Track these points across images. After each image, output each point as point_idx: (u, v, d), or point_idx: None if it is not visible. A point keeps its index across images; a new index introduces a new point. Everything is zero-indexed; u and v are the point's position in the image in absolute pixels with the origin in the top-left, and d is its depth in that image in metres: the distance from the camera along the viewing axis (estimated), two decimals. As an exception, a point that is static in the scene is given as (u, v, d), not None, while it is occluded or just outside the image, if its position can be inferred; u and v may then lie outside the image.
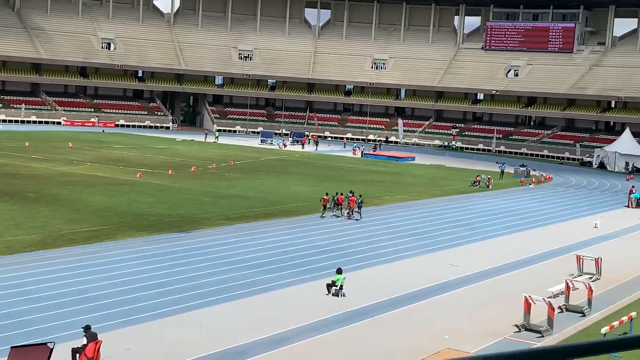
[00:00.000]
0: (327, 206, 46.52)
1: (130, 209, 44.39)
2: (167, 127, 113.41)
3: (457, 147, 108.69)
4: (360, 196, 47.38)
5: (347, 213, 46.51)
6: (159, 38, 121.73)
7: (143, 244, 35.29)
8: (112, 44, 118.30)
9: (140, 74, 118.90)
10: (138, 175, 58.61)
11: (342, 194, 47.11)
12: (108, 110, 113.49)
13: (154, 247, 34.87)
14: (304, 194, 55.43)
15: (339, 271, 29.44)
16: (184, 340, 22.86)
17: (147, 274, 29.79)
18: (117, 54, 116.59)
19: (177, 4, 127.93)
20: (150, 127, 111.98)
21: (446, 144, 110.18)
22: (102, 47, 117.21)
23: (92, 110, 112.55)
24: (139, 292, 27.22)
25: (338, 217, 46.31)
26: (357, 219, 46.02)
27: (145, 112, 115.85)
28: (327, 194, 47.18)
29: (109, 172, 59.92)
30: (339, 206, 46.79)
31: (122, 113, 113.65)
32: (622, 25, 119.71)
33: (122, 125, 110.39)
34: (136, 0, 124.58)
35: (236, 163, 72.85)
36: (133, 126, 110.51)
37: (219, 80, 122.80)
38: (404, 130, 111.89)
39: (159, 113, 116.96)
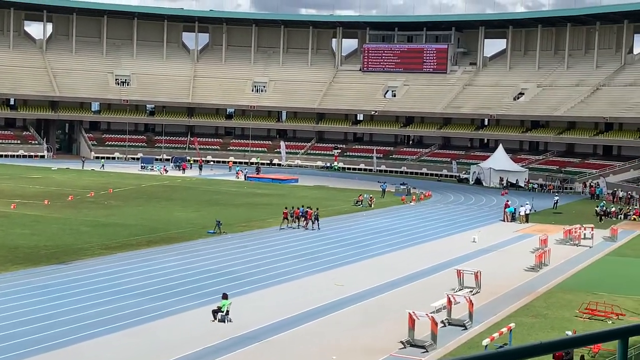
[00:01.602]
0: (286, 219, 51.81)
1: (5, 241, 42.66)
2: (42, 156, 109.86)
3: (339, 167, 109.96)
4: (317, 209, 53.72)
5: (305, 224, 52.20)
6: (32, 64, 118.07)
7: (19, 278, 33.92)
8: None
9: (12, 102, 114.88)
10: (12, 207, 56.44)
11: (298, 208, 53.09)
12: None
13: (30, 280, 33.57)
14: (187, 219, 54.76)
15: (225, 296, 29.15)
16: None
17: (24, 309, 28.60)
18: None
19: (49, 30, 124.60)
20: (25, 156, 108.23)
21: (328, 164, 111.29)
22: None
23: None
24: (15, 328, 26.09)
25: (295, 228, 51.57)
26: (313, 229, 51.54)
27: (19, 141, 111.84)
28: (286, 208, 53.08)
29: (-19, 204, 57.45)
30: (297, 218, 52.48)
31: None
32: (492, 46, 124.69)
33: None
34: (6, 26, 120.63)
35: (116, 190, 71.27)
36: (6, 156, 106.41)
37: (95, 106, 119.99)
38: (287, 152, 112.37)
39: (33, 142, 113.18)
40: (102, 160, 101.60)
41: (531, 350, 3.75)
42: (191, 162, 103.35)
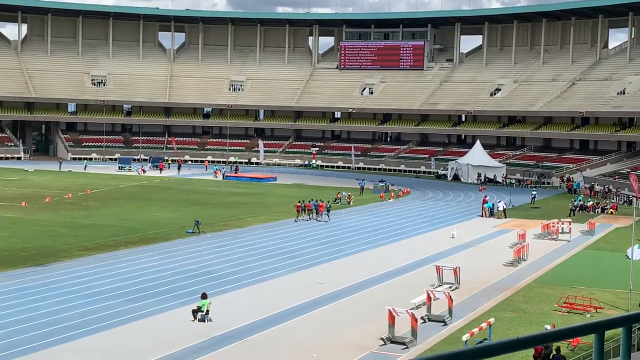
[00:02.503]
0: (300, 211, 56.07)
1: (-18, 244, 42.28)
2: (19, 158, 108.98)
3: (318, 165, 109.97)
4: (329, 202, 60.07)
5: (316, 216, 56.29)
6: (6, 66, 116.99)
7: (-4, 281, 33.63)
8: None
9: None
10: (-11, 209, 55.97)
11: (310, 202, 57.49)
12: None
13: (8, 283, 33.29)
14: (166, 219, 54.55)
15: (204, 296, 29.08)
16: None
17: (2, 312, 28.36)
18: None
19: (24, 31, 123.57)
20: (1, 158, 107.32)
21: (307, 162, 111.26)
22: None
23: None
24: (-7, 332, 25.88)
25: (307, 220, 55.70)
26: (325, 221, 55.49)
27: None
28: (299, 202, 57.52)
29: (-43, 207, 56.90)
30: (309, 211, 56.70)
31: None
32: (468, 42, 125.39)
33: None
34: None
35: (94, 191, 70.86)
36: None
37: (71, 107, 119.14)
38: (265, 151, 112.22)
39: (9, 143, 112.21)
40: (85, 161, 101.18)
41: (509, 346, 3.77)
42: (169, 162, 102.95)
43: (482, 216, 62.14)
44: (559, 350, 23.30)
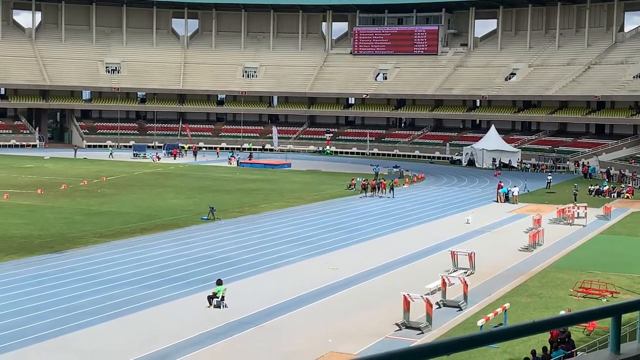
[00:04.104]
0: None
1: (-2, 232, 42.56)
2: (35, 145, 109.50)
3: (332, 151, 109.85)
4: (392, 181, 65.79)
5: (379, 193, 62.77)
6: (21, 54, 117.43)
7: (13, 268, 33.86)
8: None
9: (2, 92, 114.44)
10: (5, 197, 56.28)
11: (374, 180, 65.53)
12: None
13: (24, 270, 33.50)
14: (181, 206, 54.70)
15: (219, 282, 29.15)
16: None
17: (18, 299, 28.55)
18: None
19: (38, 19, 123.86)
20: (17, 146, 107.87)
21: (321, 149, 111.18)
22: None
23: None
24: (9, 318, 26.05)
25: (371, 197, 61.60)
26: (388, 197, 61.58)
27: (10, 131, 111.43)
28: (365, 180, 64.74)
29: (-26, 195, 57.26)
30: (372, 188, 62.95)
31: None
32: (482, 27, 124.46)
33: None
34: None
35: (109, 179, 71.12)
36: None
37: (86, 94, 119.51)
38: (279, 137, 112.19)
39: (24, 131, 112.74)
40: (111, 148, 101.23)
41: (525, 330, 3.74)
42: (186, 148, 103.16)
43: (497, 201, 61.94)
44: (570, 335, 23.28)
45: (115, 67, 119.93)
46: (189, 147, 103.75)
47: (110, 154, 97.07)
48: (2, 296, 28.93)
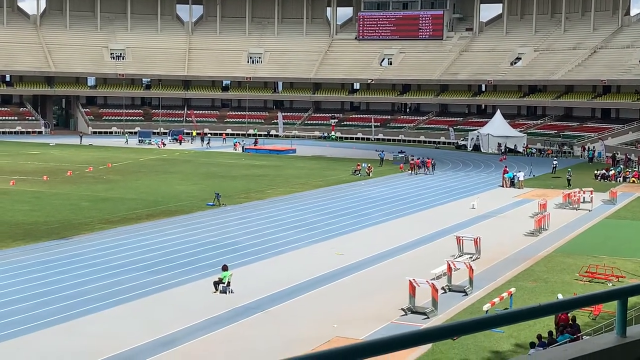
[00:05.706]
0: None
1: (4, 218, 42.70)
2: (40, 132, 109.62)
3: (337, 137, 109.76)
4: (433, 160, 72.05)
5: (425, 170, 69.38)
6: (26, 40, 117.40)
7: (20, 254, 33.98)
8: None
9: (8, 79, 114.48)
10: (11, 183, 56.43)
11: (419, 159, 71.54)
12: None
13: (31, 256, 33.64)
14: (186, 192, 54.77)
15: (225, 268, 29.22)
16: (70, 349, 22.16)
17: (25, 285, 28.68)
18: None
19: (42, 5, 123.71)
20: (22, 132, 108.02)
21: (326, 134, 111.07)
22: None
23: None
24: (18, 304, 26.17)
25: (417, 174, 68.39)
26: (427, 173, 68.51)
27: (16, 118, 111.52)
28: (412, 159, 72.24)
29: (-20, 182, 57.40)
30: (418, 166, 69.34)
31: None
32: (488, 11, 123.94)
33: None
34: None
35: (114, 165, 71.21)
36: (3, 132, 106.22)
37: (91, 81, 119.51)
38: (284, 123, 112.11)
39: (30, 118, 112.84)
40: (126, 135, 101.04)
41: (531, 313, 3.75)
42: (194, 135, 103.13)
43: (503, 186, 61.86)
44: (575, 319, 23.33)
45: (120, 54, 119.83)
46: (197, 133, 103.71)
47: (126, 140, 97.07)
48: (9, 282, 29.06)
